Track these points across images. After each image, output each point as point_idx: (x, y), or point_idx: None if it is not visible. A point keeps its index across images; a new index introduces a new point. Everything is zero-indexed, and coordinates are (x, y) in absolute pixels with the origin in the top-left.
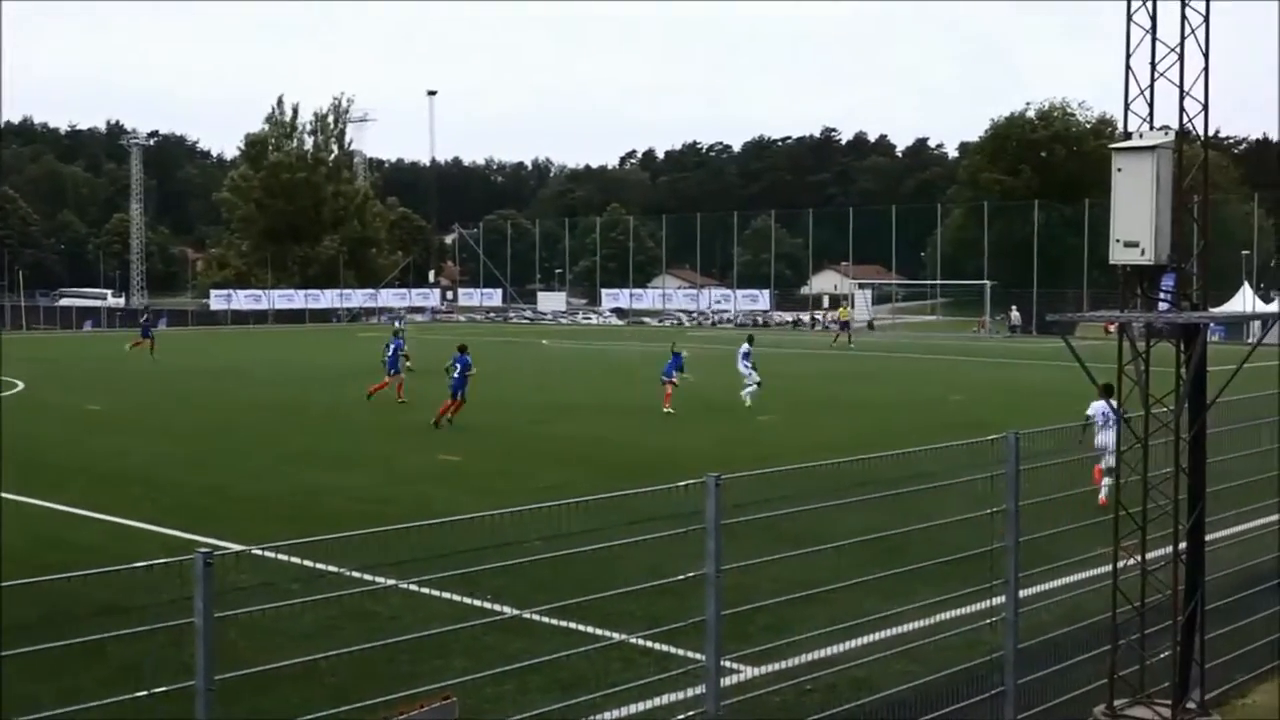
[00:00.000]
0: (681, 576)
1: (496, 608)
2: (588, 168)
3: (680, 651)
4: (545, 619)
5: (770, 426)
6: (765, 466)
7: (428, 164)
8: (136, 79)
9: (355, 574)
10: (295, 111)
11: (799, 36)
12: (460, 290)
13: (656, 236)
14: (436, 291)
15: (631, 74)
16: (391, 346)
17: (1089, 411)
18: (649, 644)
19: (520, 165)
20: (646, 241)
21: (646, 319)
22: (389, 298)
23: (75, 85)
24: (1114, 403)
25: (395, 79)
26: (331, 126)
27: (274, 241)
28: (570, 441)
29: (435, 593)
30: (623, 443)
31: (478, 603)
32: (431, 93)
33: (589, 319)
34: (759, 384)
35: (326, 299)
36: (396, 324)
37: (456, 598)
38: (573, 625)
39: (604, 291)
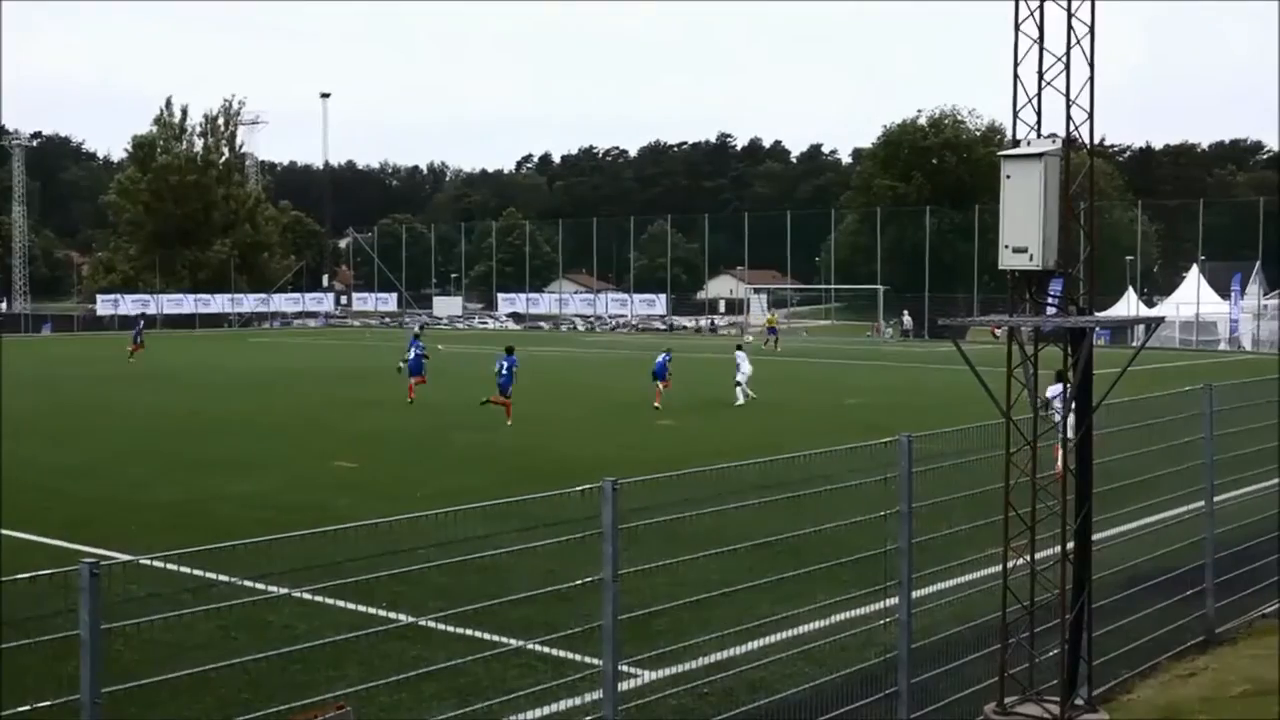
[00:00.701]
0: (579, 581)
1: (392, 615)
2: (484, 172)
3: (578, 657)
4: (441, 626)
5: (671, 431)
6: (665, 471)
7: (321, 167)
8: (18, 78)
9: (248, 583)
10: (184, 113)
11: (695, 42)
12: (355, 295)
13: (553, 241)
14: (330, 296)
15: (528, 78)
16: (413, 351)
17: (1048, 394)
18: (546, 650)
19: (416, 169)
20: (543, 246)
21: (543, 323)
22: (282, 302)
23: None
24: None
25: (288, 81)
26: (222, 128)
27: (162, 245)
28: (469, 447)
29: (330, 601)
30: (522, 448)
31: (373, 610)
32: (325, 95)
33: (485, 323)
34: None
35: (217, 304)
36: (416, 327)
37: (351, 606)
38: (469, 632)
39: (500, 296)
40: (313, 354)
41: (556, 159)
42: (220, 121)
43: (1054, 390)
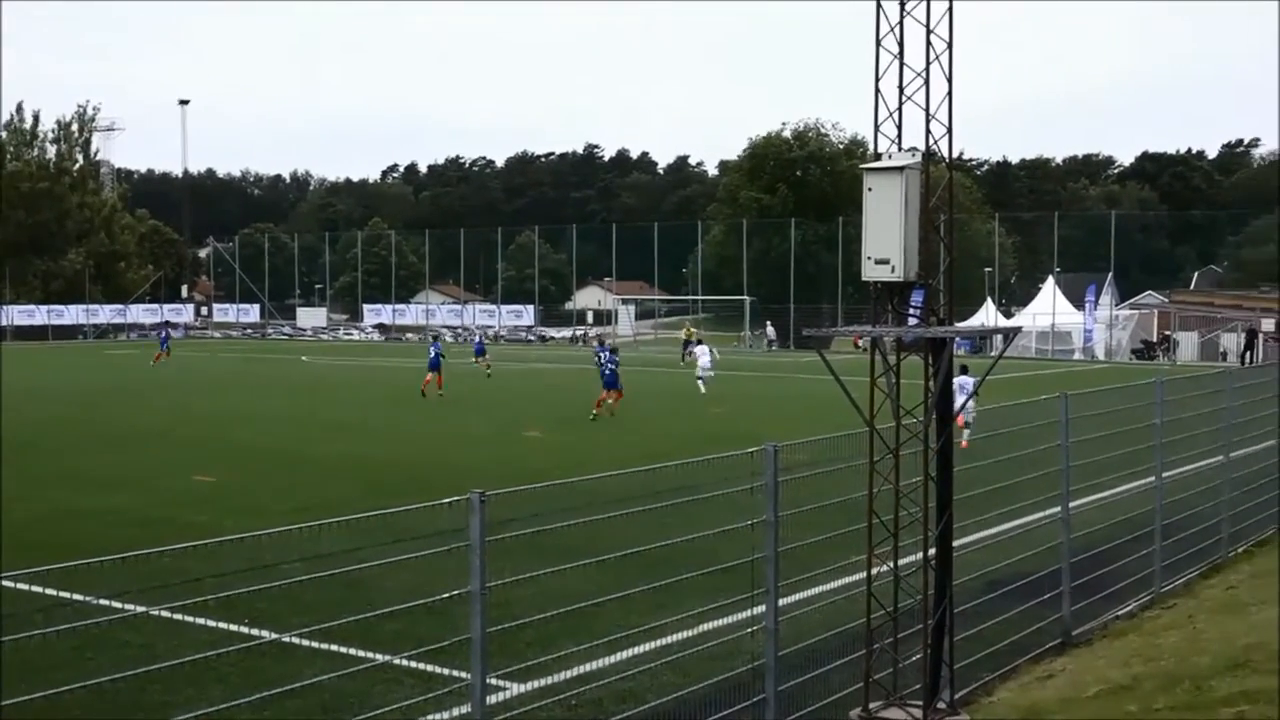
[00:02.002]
0: (446, 594)
1: (255, 632)
2: (348, 181)
3: (446, 671)
4: (306, 642)
5: (540, 443)
6: (535, 482)
7: (180, 175)
8: None
9: (105, 601)
10: (36, 119)
11: (561, 52)
12: (215, 306)
13: (420, 251)
14: (190, 307)
15: (392, 86)
16: (433, 350)
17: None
18: (414, 664)
19: (278, 178)
20: (409, 256)
21: (410, 334)
22: (139, 313)
23: None
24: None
25: (146, 87)
26: (76, 135)
27: (13, 254)
28: (334, 460)
29: (190, 619)
30: (388, 460)
31: (235, 628)
32: (184, 102)
33: (350, 334)
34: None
35: (71, 315)
36: (433, 337)
37: (212, 623)
38: (335, 648)
39: (366, 307)
40: (170, 366)
41: (423, 168)
42: (74, 128)
43: (958, 381)
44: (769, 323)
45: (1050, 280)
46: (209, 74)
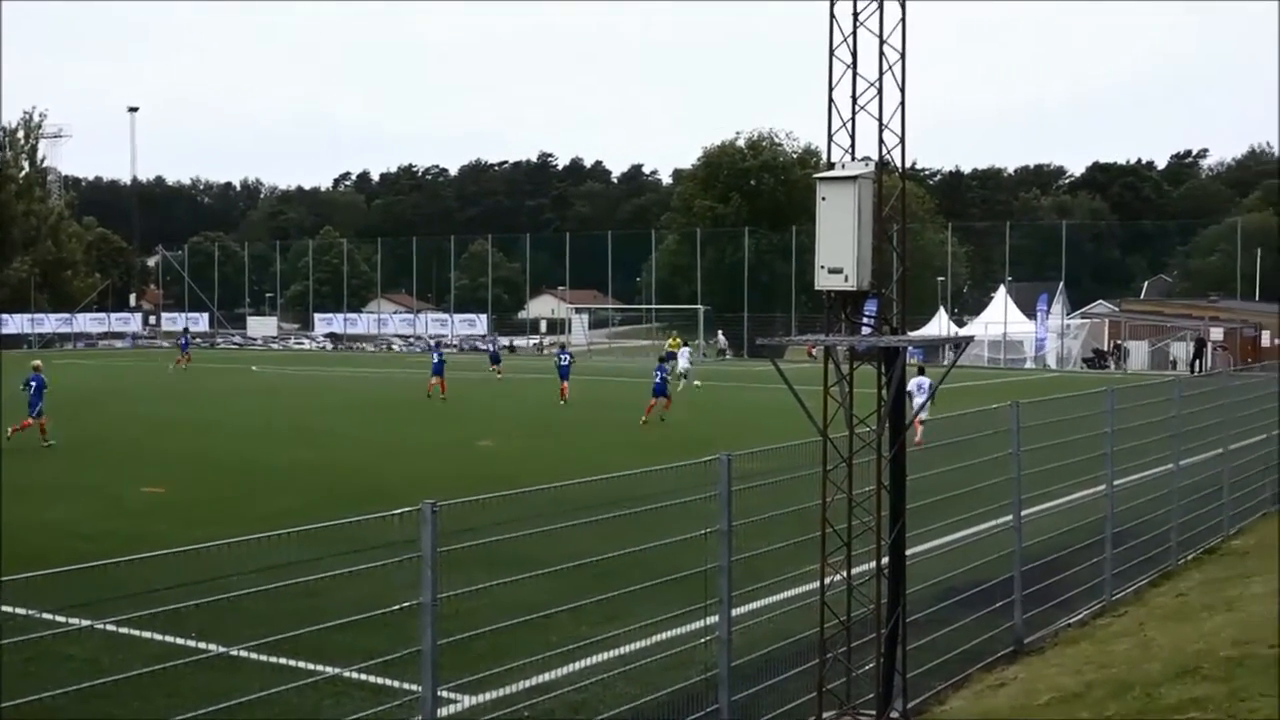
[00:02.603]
0: (397, 606)
1: (203, 645)
2: (300, 189)
3: (396, 683)
4: (255, 655)
5: (493, 453)
6: (488, 492)
7: (128, 182)
8: None
9: (49, 615)
10: None
11: (516, 59)
12: (164, 315)
13: (371, 260)
14: (138, 316)
15: (345, 93)
16: (436, 356)
17: (910, 387)
18: (365, 677)
19: (228, 186)
20: (361, 265)
21: (362, 344)
22: (86, 322)
23: None
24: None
25: (94, 94)
26: (22, 142)
27: None
28: (286, 470)
29: (137, 632)
30: (342, 470)
31: (182, 641)
32: (133, 109)
33: (301, 344)
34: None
35: (15, 324)
36: (435, 343)
37: (160, 636)
38: (284, 661)
39: (317, 316)
40: (118, 375)
41: (375, 176)
42: (20, 135)
43: (914, 382)
44: (720, 331)
45: (1002, 289)
46: (159, 80)
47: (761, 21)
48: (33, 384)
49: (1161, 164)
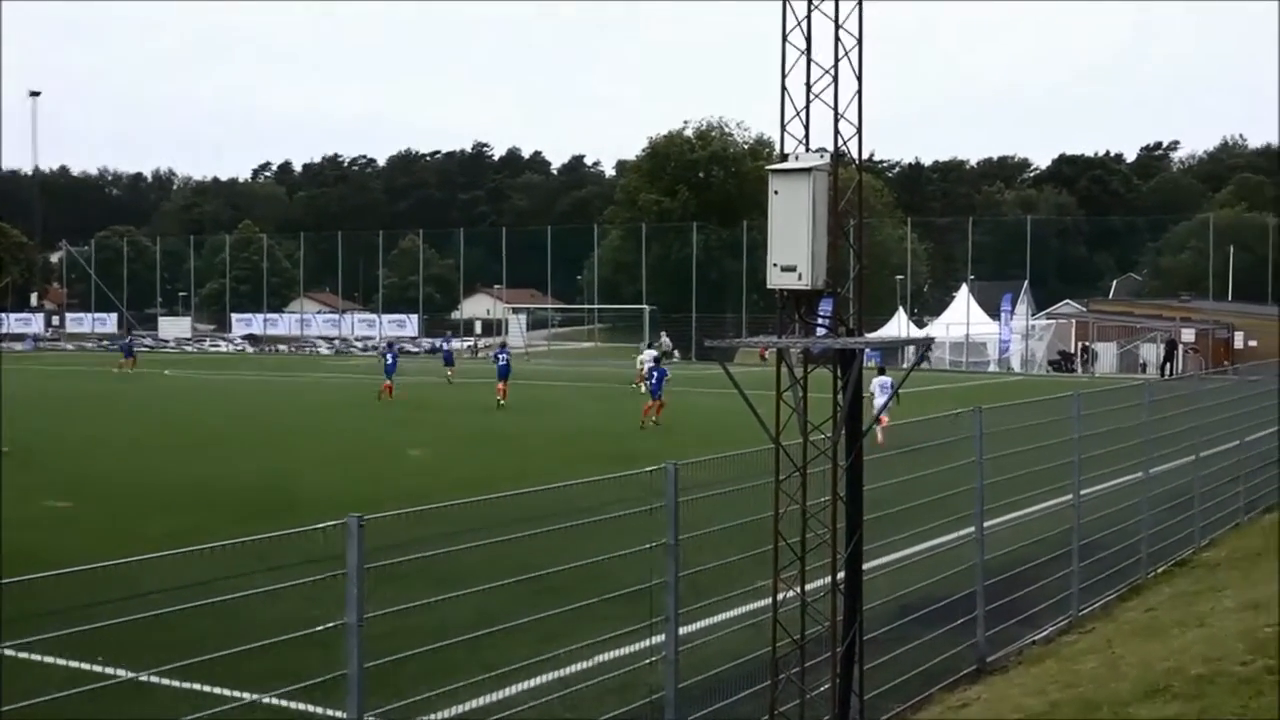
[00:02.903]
0: (321, 627)
1: (110, 671)
2: (216, 180)
3: (320, 710)
4: (167, 681)
5: (422, 462)
6: (417, 504)
7: (30, 173)
8: None
9: None
10: None
11: (447, 43)
12: (69, 315)
13: (294, 257)
14: (40, 316)
15: (264, 80)
16: (389, 358)
17: (872, 387)
18: (286, 703)
19: (139, 176)
20: (282, 262)
21: (283, 346)
22: None
23: None
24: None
25: None
26: None
27: None
28: (200, 483)
29: (38, 657)
30: (258, 484)
31: (88, 666)
32: (34, 94)
33: (218, 346)
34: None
35: None
36: (389, 344)
37: (63, 661)
38: (199, 686)
39: (234, 316)
40: (15, 381)
41: (297, 167)
42: None
43: (876, 382)
44: (663, 332)
45: (964, 288)
46: (63, 62)
47: (711, 6)
48: None
49: (1131, 156)
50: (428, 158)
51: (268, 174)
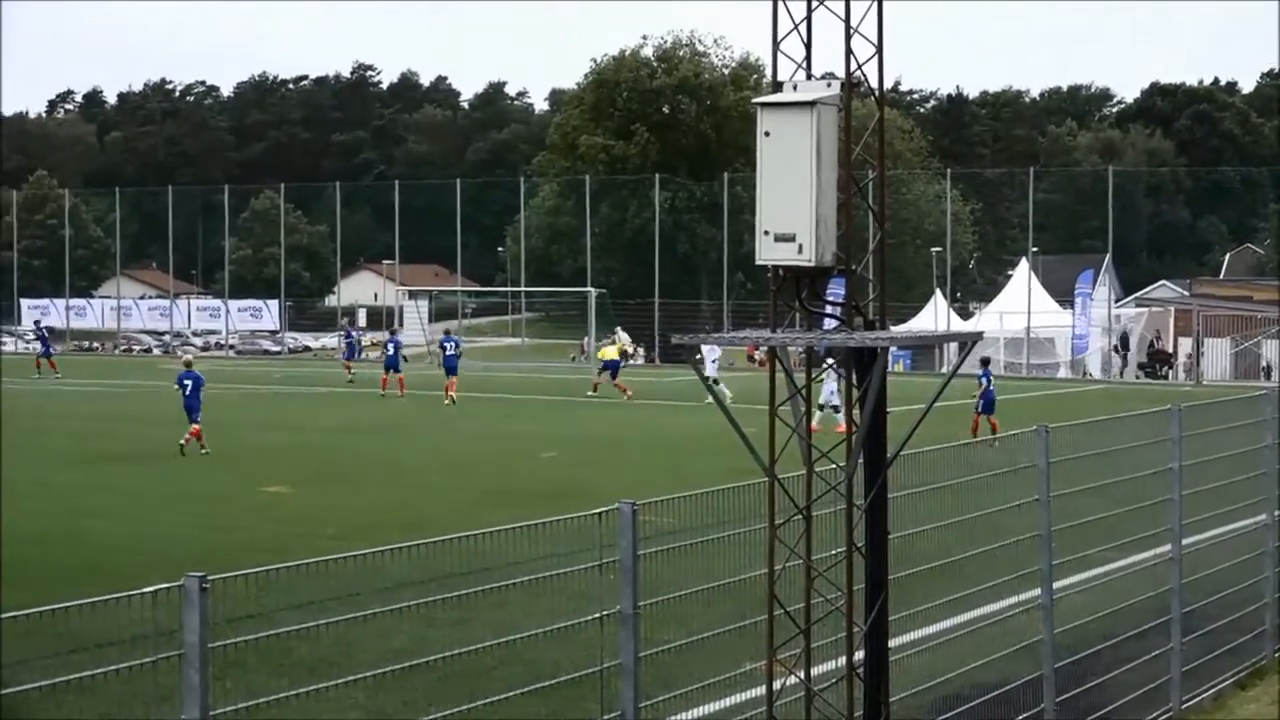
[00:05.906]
0: None
1: None
2: None
3: None
4: None
5: (282, 500)
6: (279, 560)
7: None
8: None
9: None
10: None
11: None
12: None
13: (107, 221)
14: None
15: None
16: (391, 347)
17: (821, 400)
18: None
19: None
20: (92, 228)
21: (94, 343)
22: None
23: None
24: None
25: None
26: None
27: None
28: None
29: None
30: (59, 529)
31: None
32: None
33: (2, 344)
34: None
35: None
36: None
37: None
38: None
39: (25, 302)
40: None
41: (111, 98)
42: None
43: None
44: (618, 328)
45: (1024, 265)
46: None
47: None
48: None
49: (1248, 86)
50: (290, 85)
51: (69, 107)
